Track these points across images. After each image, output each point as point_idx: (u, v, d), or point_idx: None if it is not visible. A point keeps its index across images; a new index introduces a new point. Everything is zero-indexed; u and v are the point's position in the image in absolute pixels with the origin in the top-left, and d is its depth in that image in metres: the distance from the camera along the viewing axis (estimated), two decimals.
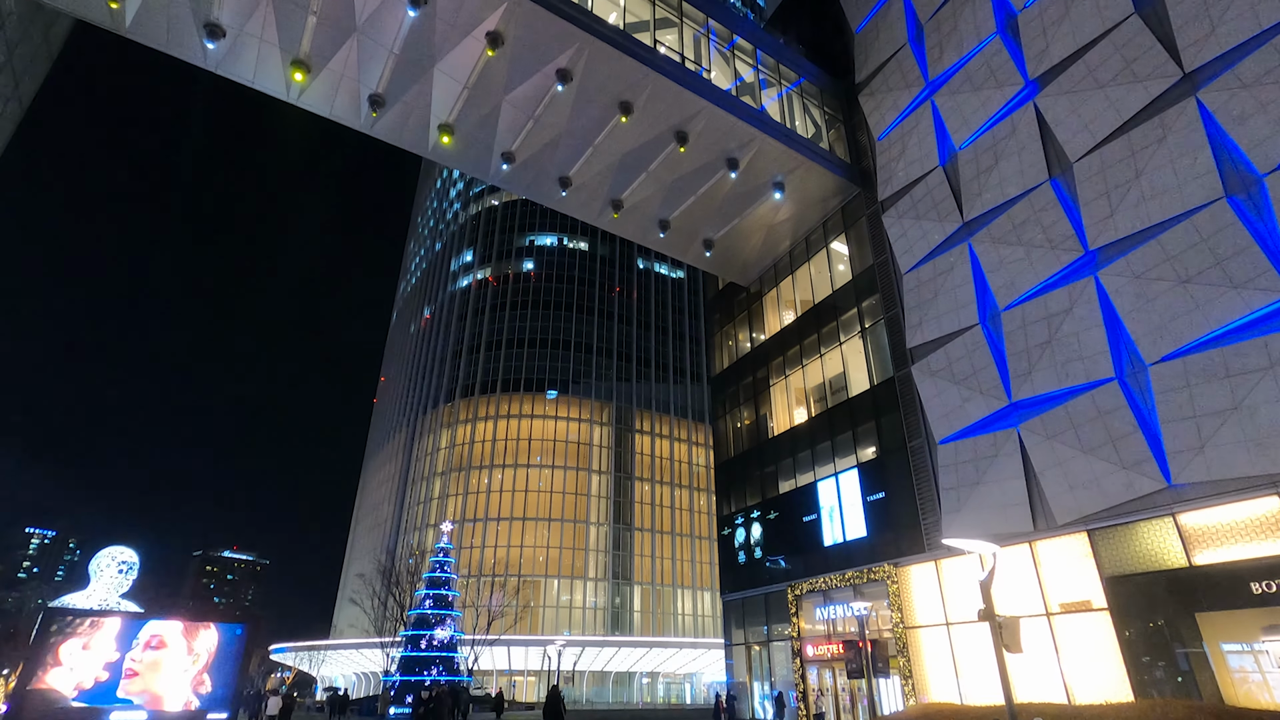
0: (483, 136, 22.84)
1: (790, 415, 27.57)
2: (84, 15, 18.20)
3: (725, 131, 23.24)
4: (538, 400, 70.64)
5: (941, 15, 22.64)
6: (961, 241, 20.19)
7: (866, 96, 25.68)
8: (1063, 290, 16.85)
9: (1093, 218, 16.46)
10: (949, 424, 19.29)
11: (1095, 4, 17.57)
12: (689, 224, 27.40)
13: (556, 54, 20.36)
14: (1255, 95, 13.92)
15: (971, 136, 20.64)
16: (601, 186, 25.16)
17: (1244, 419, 13.03)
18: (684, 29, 23.40)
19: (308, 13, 18.69)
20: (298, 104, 21.52)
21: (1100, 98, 16.96)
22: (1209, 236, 14.10)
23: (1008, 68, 19.80)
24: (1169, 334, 14.41)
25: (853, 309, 25.03)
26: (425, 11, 18.76)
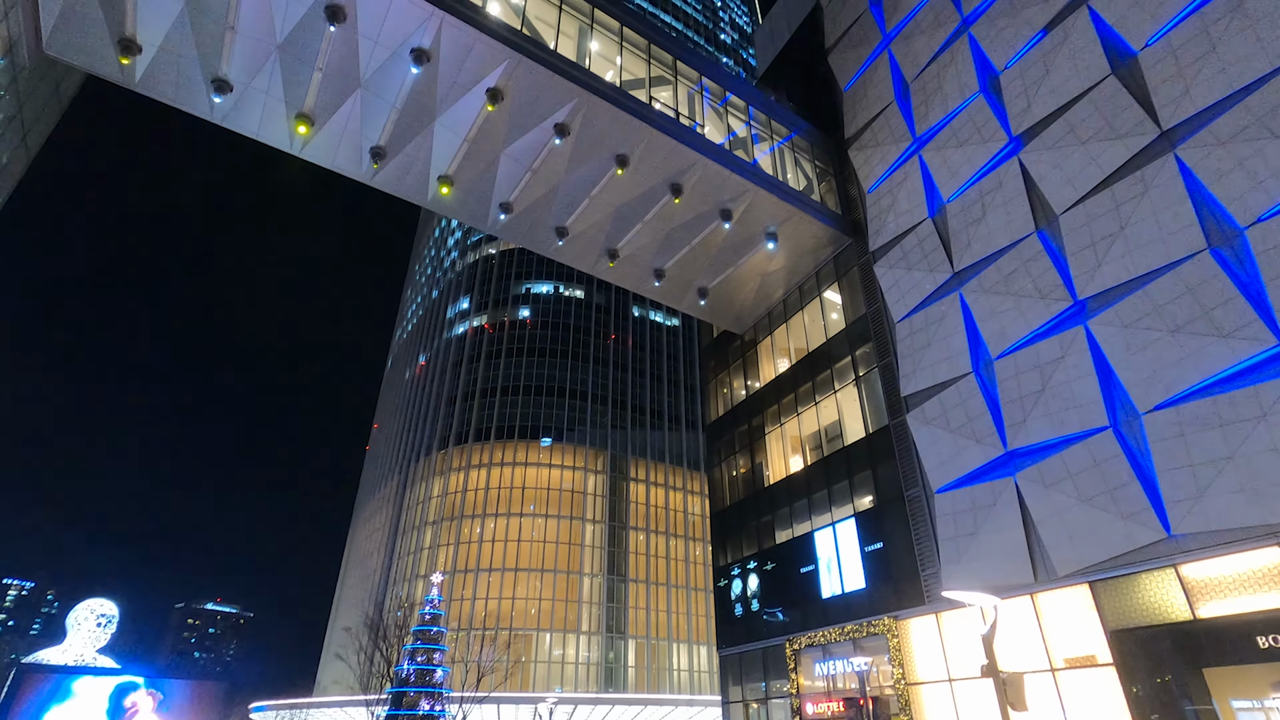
0: (481, 187, 23.30)
1: (786, 463, 27.39)
2: (96, 71, 18.71)
3: (719, 184, 23.77)
4: (532, 448, 70.10)
5: (926, 75, 23.48)
6: (952, 291, 20.46)
7: (856, 151, 26.40)
8: (1054, 339, 17.01)
9: (1080, 268, 16.75)
10: (945, 473, 19.18)
11: (1074, 65, 18.27)
12: (684, 273, 27.75)
13: (555, 109, 20.96)
14: (1231, 152, 14.37)
15: (959, 190, 21.15)
16: (598, 236, 25.56)
17: (1240, 468, 13.00)
18: (678, 86, 24.17)
19: (314, 69, 19.27)
20: (300, 155, 21.98)
21: (1082, 153, 17.47)
22: (1194, 287, 14.34)
23: (991, 125, 20.44)
24: (1161, 383, 14.51)
25: (846, 357, 25.17)
26: (428, 69, 19.37)
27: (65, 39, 17.78)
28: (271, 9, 17.88)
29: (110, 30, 17.72)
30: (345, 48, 18.89)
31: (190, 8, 17.58)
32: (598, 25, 22.79)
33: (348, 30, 18.37)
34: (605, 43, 22.86)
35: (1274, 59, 14.09)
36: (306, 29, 18.33)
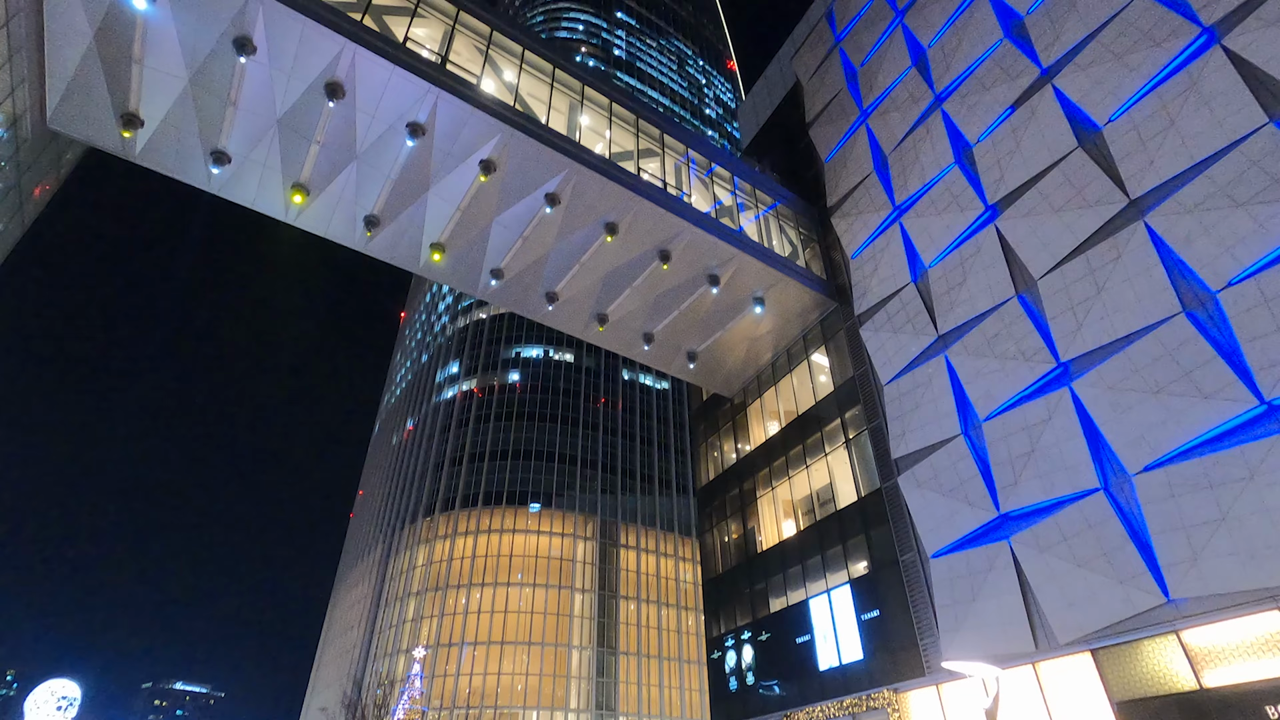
0: (473, 254, 23.69)
1: (779, 528, 26.97)
2: (98, 144, 19.17)
3: (706, 250, 24.31)
4: (520, 514, 68.72)
5: (903, 147, 24.48)
6: (938, 354, 20.72)
7: (839, 218, 27.19)
8: (1040, 401, 17.15)
9: (1061, 331, 17.07)
10: (940, 537, 18.93)
11: (1042, 139, 19.14)
12: (673, 337, 28.01)
13: (546, 180, 21.57)
14: (1198, 219, 14.93)
15: (940, 255, 21.73)
16: (587, 301, 25.88)
17: (1233, 530, 12.94)
18: (666, 158, 25.03)
19: (311, 142, 19.84)
20: (294, 224, 22.35)
21: (1056, 221, 18.09)
22: (1173, 349, 14.62)
23: (968, 194, 21.20)
24: (1148, 444, 14.58)
25: (836, 420, 25.20)
26: (423, 141, 19.99)
27: (69, 113, 18.28)
28: (273, 86, 18.54)
29: (114, 105, 18.26)
30: (343, 122, 19.51)
31: (194, 85, 18.19)
32: (588, 101, 23.75)
33: (346, 105, 19.03)
34: (595, 117, 23.77)
35: (1230, 134, 14.84)
36: (306, 104, 18.97)
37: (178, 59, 17.62)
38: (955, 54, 23.04)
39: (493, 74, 21.29)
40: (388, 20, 19.30)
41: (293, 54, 17.81)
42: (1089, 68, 18.33)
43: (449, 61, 19.87)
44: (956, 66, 22.85)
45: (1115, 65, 17.66)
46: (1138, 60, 17.15)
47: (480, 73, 20.71)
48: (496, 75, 21.43)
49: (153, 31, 16.95)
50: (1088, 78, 18.29)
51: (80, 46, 16.89)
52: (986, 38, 21.99)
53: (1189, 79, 15.94)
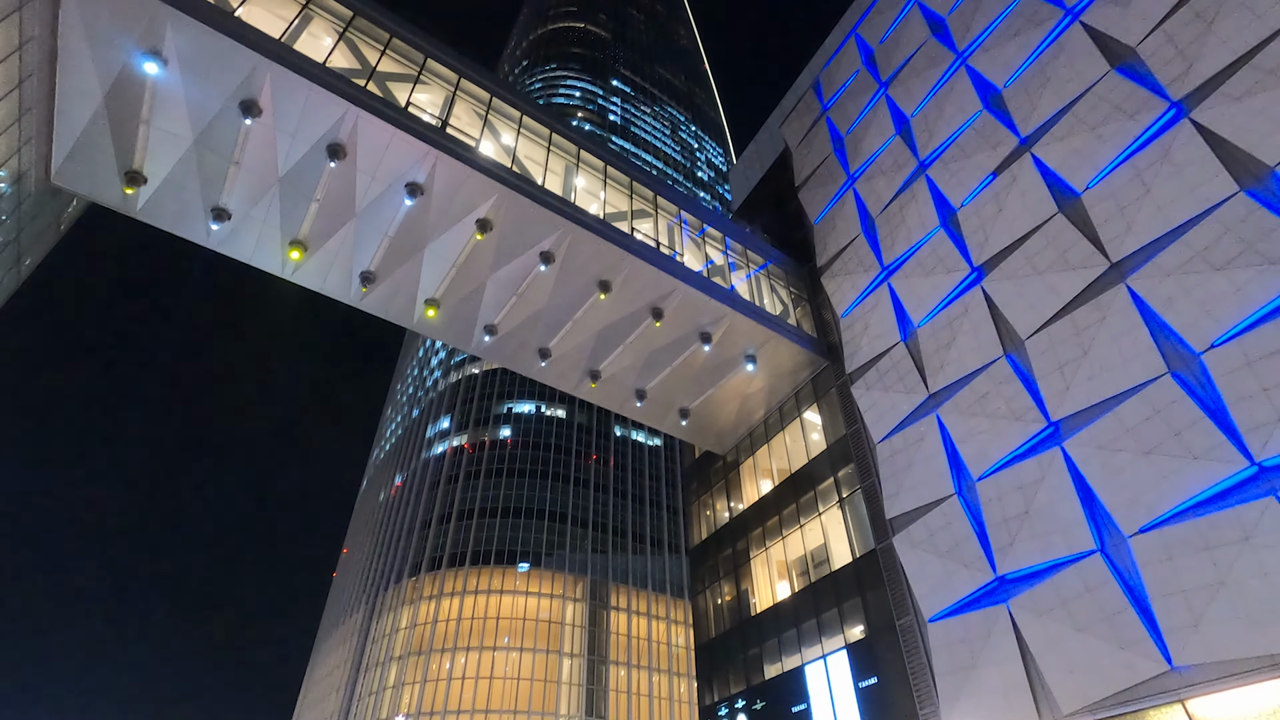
0: (467, 310, 23.87)
1: (773, 590, 26.37)
2: (100, 200, 19.49)
3: (698, 308, 24.60)
4: (508, 574, 67.02)
5: (890, 210, 25.17)
6: (929, 412, 20.78)
7: (828, 278, 27.67)
8: (1032, 461, 17.13)
9: (1050, 391, 17.20)
10: (937, 600, 18.55)
11: (1024, 204, 19.75)
12: (665, 394, 28.02)
13: (541, 239, 21.96)
14: (1178, 282, 15.30)
15: (928, 315, 22.05)
16: (580, 358, 25.97)
17: (1233, 594, 12.75)
18: (659, 218, 25.60)
19: (311, 200, 20.22)
20: (290, 279, 22.54)
21: (1040, 283, 18.48)
22: (1161, 409, 14.73)
23: (954, 256, 21.69)
24: (1142, 505, 14.50)
25: (829, 478, 25.01)
26: (421, 200, 20.41)
27: (73, 170, 18.63)
28: (276, 146, 19.02)
29: (119, 163, 18.64)
30: (343, 181, 19.95)
31: (199, 145, 18.64)
32: (583, 164, 24.44)
33: (347, 165, 19.49)
34: (590, 179, 24.42)
35: (1203, 201, 15.37)
36: (308, 164, 19.42)
37: (184, 120, 18.10)
38: (937, 123, 23.98)
39: (491, 137, 21.94)
40: (391, 86, 19.99)
41: (297, 117, 18.35)
42: (1066, 138, 19.09)
43: (449, 125, 20.50)
44: (939, 135, 23.75)
45: (1090, 136, 18.40)
46: (1111, 131, 17.89)
47: (479, 136, 21.34)
48: (495, 138, 22.08)
49: (162, 93, 17.47)
50: (1065, 147, 19.03)
51: (90, 107, 17.36)
52: (966, 108, 22.94)
53: (1161, 150, 16.60)
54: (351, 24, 20.15)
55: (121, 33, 16.16)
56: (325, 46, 19.18)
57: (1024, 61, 21.30)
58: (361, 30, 20.36)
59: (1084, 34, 19.59)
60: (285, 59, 17.41)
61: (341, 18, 20.07)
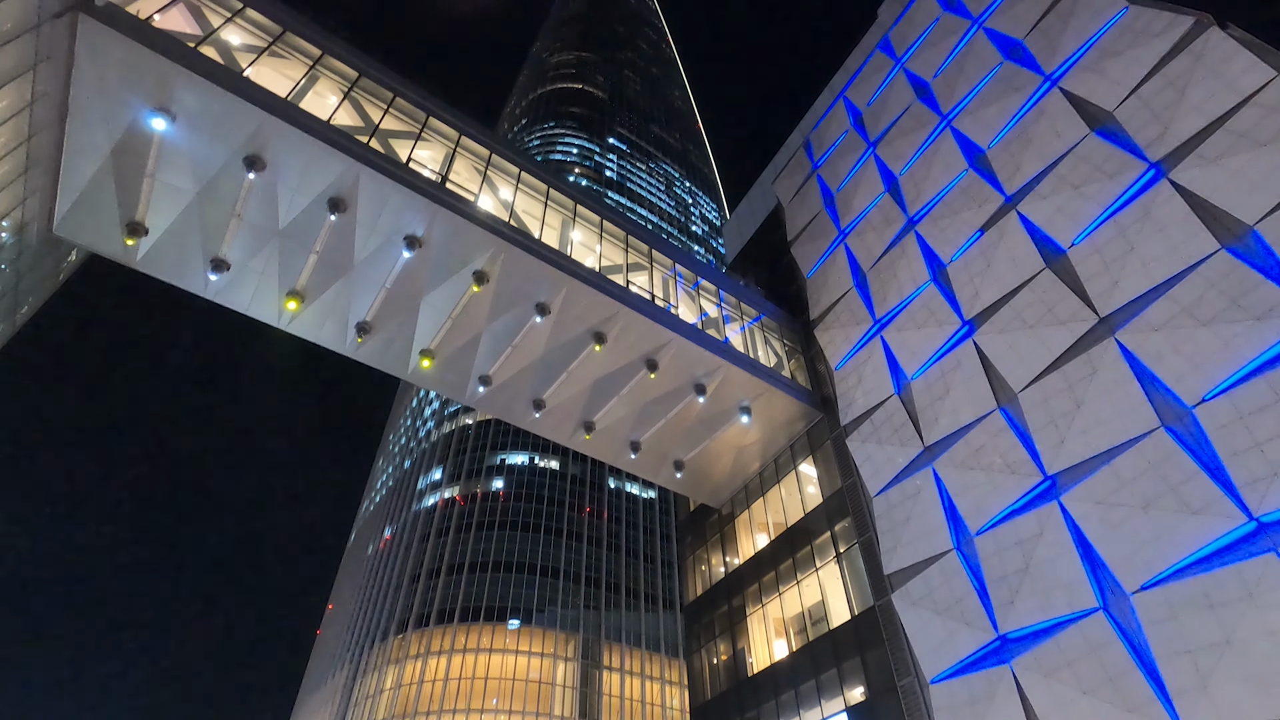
0: (462, 361, 23.90)
1: (770, 649, 25.64)
2: (100, 250, 19.69)
3: (693, 360, 24.69)
4: (498, 631, 65.07)
5: (881, 265, 25.60)
6: (925, 466, 20.67)
7: (822, 331, 27.91)
8: (1030, 515, 16.97)
9: (1045, 444, 17.18)
10: (939, 660, 18.05)
11: (1011, 260, 20.14)
12: (660, 445, 27.84)
13: (537, 290, 22.19)
14: (1166, 337, 15.49)
15: (921, 368, 22.18)
16: (574, 409, 25.90)
17: (1239, 654, 12.47)
18: (654, 271, 25.96)
19: (310, 252, 20.46)
20: (286, 329, 22.60)
21: (1031, 336, 18.68)
22: (1156, 463, 14.70)
23: (945, 310, 21.97)
24: (1143, 561, 14.32)
25: (826, 533, 24.66)
26: (419, 253, 20.67)
27: (76, 221, 18.87)
28: (278, 199, 19.35)
29: (121, 215, 18.90)
30: (342, 234, 20.23)
31: (202, 198, 18.95)
32: (580, 218, 24.91)
33: (347, 219, 19.80)
34: (587, 233, 24.85)
35: (1186, 258, 15.71)
36: (308, 217, 19.72)
37: (189, 173, 18.46)
38: (924, 181, 24.65)
39: (490, 192, 22.41)
40: (393, 142, 20.51)
41: (300, 171, 18.74)
42: (1050, 196, 19.62)
43: (449, 180, 20.95)
44: (926, 192, 24.38)
45: (1073, 195, 18.93)
46: (1094, 191, 18.41)
47: (478, 191, 21.79)
48: (494, 193, 22.55)
49: (168, 148, 17.85)
50: (1049, 205, 19.54)
51: (96, 161, 17.71)
52: (952, 168, 23.63)
53: (1142, 208, 17.07)
54: (357, 84, 20.80)
55: (132, 91, 16.62)
56: (330, 105, 19.75)
57: (1006, 124, 22.07)
58: (366, 90, 21.01)
59: (1063, 98, 20.37)
60: (291, 116, 17.89)
61: (347, 78, 20.74)
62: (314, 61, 20.15)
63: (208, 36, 17.84)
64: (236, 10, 19.09)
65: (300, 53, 20.06)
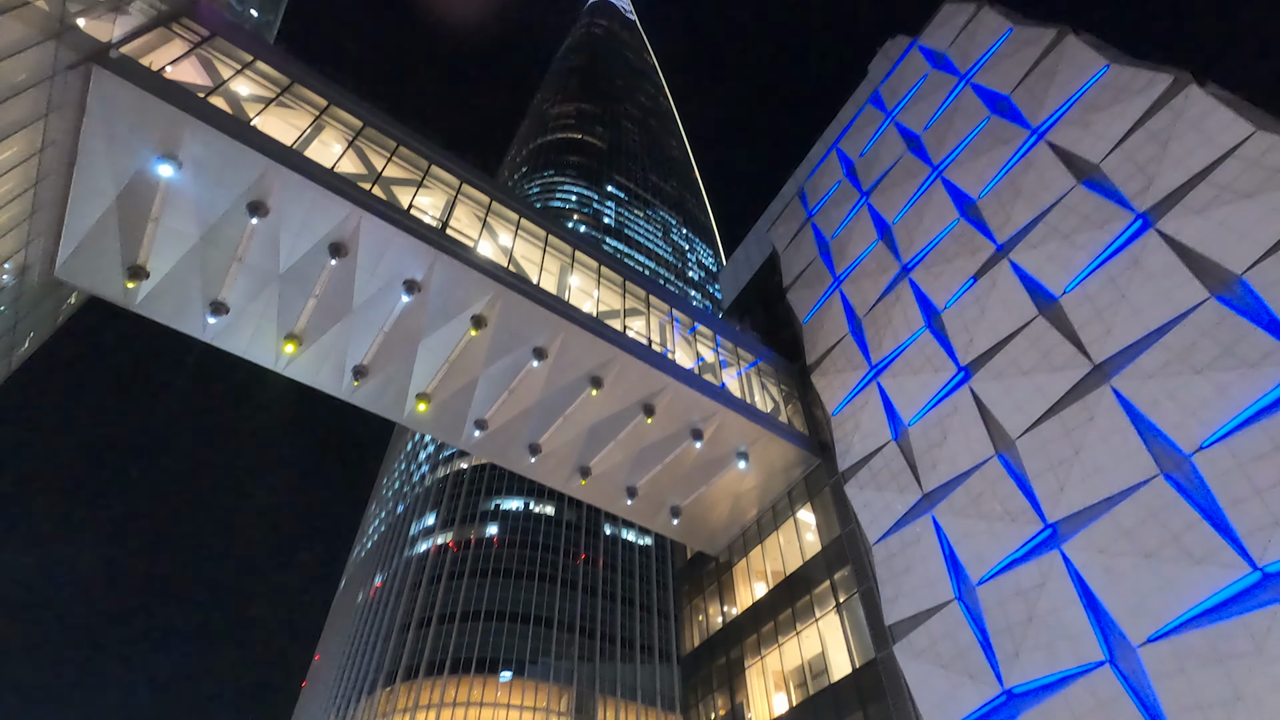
0: (458, 405, 23.82)
1: (770, 704, 24.86)
2: (100, 293, 19.79)
3: (690, 405, 24.64)
4: (489, 684, 63.10)
5: (875, 311, 25.83)
6: (924, 513, 20.45)
7: (818, 376, 27.96)
8: (1032, 564, 16.72)
9: (1044, 491, 17.05)
10: (944, 716, 17.50)
11: (1005, 307, 20.35)
12: (656, 491, 27.55)
13: (535, 335, 22.27)
14: (1161, 384, 15.55)
15: (918, 414, 22.16)
16: (571, 453, 25.71)
17: (1251, 711, 12.14)
18: (651, 316, 26.13)
19: (309, 296, 20.58)
20: (283, 372, 22.57)
21: (1027, 383, 18.73)
22: (1157, 511, 14.57)
23: (940, 356, 22.08)
24: (1148, 613, 14.05)
25: (825, 581, 24.21)
26: (418, 297, 20.81)
27: (78, 264, 19.01)
28: (279, 243, 19.57)
29: (123, 258, 19.06)
30: (342, 278, 20.40)
31: (204, 242, 19.17)
32: (578, 264, 25.20)
33: (347, 263, 19.99)
34: (585, 278, 25.09)
35: (1177, 307, 15.89)
36: (309, 261, 19.91)
37: (192, 218, 18.70)
38: (917, 230, 25.08)
39: (490, 238, 22.71)
40: (395, 190, 20.87)
41: (303, 217, 19.00)
42: (1040, 245, 19.96)
43: (449, 226, 21.25)
44: (919, 241, 24.78)
45: (1063, 243, 19.25)
46: (1083, 240, 18.74)
47: (478, 237, 22.09)
48: (493, 239, 22.85)
49: (173, 194, 18.13)
50: (1040, 254, 19.85)
51: (101, 206, 17.95)
52: (944, 217, 24.08)
53: (1132, 257, 17.35)
54: (361, 133, 21.29)
55: (141, 139, 16.97)
56: (334, 153, 20.17)
57: (996, 175, 22.60)
58: (370, 139, 21.50)
59: (1050, 151, 20.92)
60: (295, 164, 18.24)
61: (352, 127, 21.23)
62: (320, 111, 20.66)
63: (218, 87, 18.33)
64: (247, 63, 19.66)
65: (307, 103, 20.60)
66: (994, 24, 25.78)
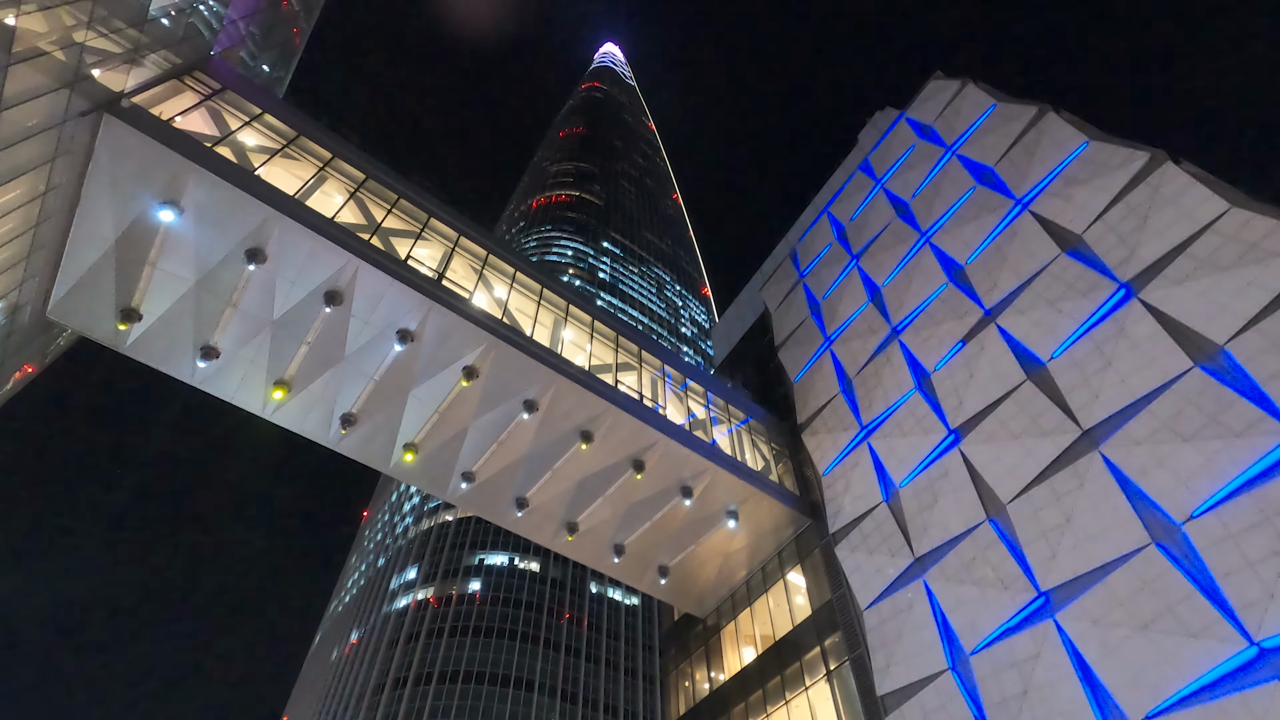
0: (445, 456, 23.54)
1: None
2: (91, 334, 19.71)
3: (680, 461, 24.45)
4: None
5: (866, 372, 26.01)
6: (916, 578, 20.10)
7: (809, 435, 27.90)
8: (1026, 634, 16.35)
9: (1037, 558, 16.83)
10: None
11: (993, 371, 20.54)
12: (644, 549, 27.03)
13: (527, 387, 22.23)
14: (1150, 452, 15.58)
15: (909, 475, 22.04)
16: (558, 508, 25.30)
17: None
18: (643, 371, 26.19)
19: (301, 342, 20.57)
20: (270, 418, 22.33)
21: (1017, 447, 18.74)
22: (1151, 581, 14.38)
23: (930, 418, 22.13)
24: (1146, 688, 13.69)
25: (815, 648, 23.54)
26: (411, 347, 20.83)
27: (71, 305, 18.98)
28: (275, 291, 19.67)
29: (117, 301, 19.06)
30: (336, 325, 20.44)
31: (200, 287, 19.24)
32: (572, 318, 25.39)
33: (341, 311, 20.07)
34: (578, 332, 25.24)
35: (1162, 375, 16.09)
36: (303, 308, 19.98)
37: (190, 263, 18.83)
38: (906, 293, 25.52)
39: (485, 290, 22.92)
40: (394, 240, 21.16)
41: (300, 264, 19.17)
42: (1027, 311, 20.31)
43: (445, 277, 21.47)
44: (909, 304, 25.18)
45: (1049, 310, 19.61)
46: (1069, 307, 19.10)
47: (473, 288, 22.29)
48: (488, 291, 23.06)
49: (173, 238, 18.30)
50: (1027, 320, 20.18)
51: (100, 249, 18.05)
52: (932, 281, 24.55)
53: (1116, 325, 17.66)
54: (363, 185, 21.72)
55: (145, 185, 17.23)
56: (336, 203, 20.51)
57: (982, 242, 23.18)
58: (372, 191, 21.91)
59: (1034, 220, 21.53)
60: (296, 213, 18.52)
61: (354, 179, 21.67)
62: (324, 164, 21.11)
63: (225, 138, 18.75)
64: (255, 115, 20.19)
65: (311, 155, 21.06)
66: (978, 100, 26.92)
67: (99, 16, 14.94)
